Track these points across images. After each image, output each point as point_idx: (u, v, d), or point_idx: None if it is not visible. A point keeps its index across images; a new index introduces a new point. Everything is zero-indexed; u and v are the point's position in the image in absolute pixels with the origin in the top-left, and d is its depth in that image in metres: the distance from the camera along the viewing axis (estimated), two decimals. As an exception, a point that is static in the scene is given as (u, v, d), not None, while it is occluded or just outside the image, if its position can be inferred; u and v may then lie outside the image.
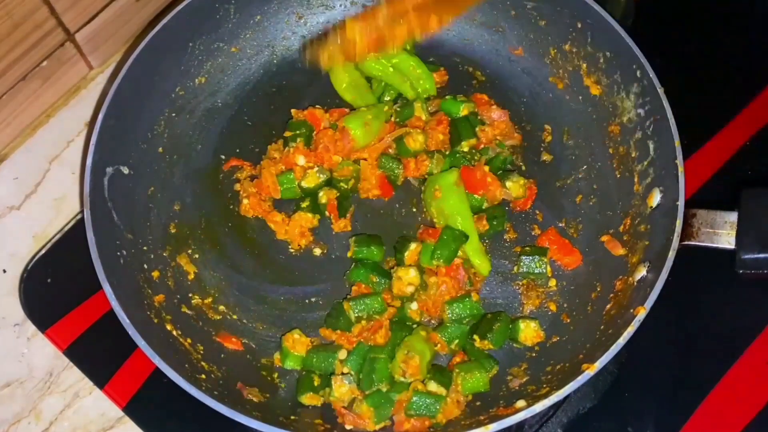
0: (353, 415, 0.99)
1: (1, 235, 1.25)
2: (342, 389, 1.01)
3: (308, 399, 1.02)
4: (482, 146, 1.18)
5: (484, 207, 1.14)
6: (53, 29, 1.22)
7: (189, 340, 1.04)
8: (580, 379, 0.89)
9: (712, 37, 1.41)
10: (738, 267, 0.97)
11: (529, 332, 1.06)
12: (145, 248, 1.10)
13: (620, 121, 1.14)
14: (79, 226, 1.21)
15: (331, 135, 1.16)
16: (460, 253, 1.09)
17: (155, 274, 1.09)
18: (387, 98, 1.24)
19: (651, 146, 1.07)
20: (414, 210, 1.17)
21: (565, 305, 1.10)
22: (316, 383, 1.03)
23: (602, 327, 1.01)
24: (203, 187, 1.19)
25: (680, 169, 1.00)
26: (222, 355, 1.06)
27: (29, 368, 1.16)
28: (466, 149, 1.16)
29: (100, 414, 1.14)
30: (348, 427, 0.98)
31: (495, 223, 1.13)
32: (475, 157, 1.16)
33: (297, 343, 1.06)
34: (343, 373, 1.02)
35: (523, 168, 1.20)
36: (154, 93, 1.17)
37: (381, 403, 0.99)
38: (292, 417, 0.99)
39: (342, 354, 1.04)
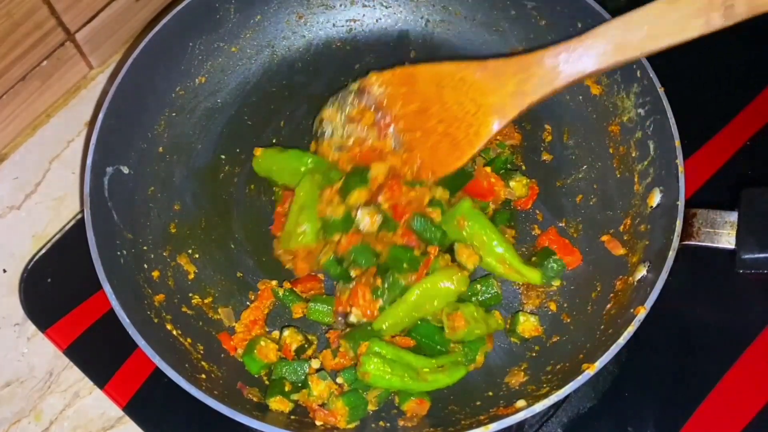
0: (325, 411, 0.99)
1: (1, 234, 1.25)
2: (320, 387, 1.00)
3: (277, 403, 1.00)
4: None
5: (489, 207, 1.14)
6: (53, 29, 1.22)
7: (189, 340, 1.04)
8: (580, 379, 0.89)
9: (712, 37, 1.40)
10: (738, 267, 0.98)
11: (528, 325, 1.06)
12: (145, 248, 1.10)
13: (620, 120, 1.14)
14: (79, 225, 1.21)
15: None
16: (506, 271, 1.08)
17: (155, 273, 1.09)
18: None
19: (651, 146, 1.07)
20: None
21: (565, 305, 1.10)
22: (287, 388, 1.01)
23: (602, 327, 1.01)
24: (203, 187, 1.19)
25: (680, 168, 1.00)
26: (222, 355, 1.06)
27: (29, 368, 1.16)
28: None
29: (100, 414, 1.14)
30: (318, 423, 0.98)
31: (515, 232, 1.15)
32: (475, 160, 1.16)
33: (267, 351, 1.04)
34: (317, 371, 1.02)
35: (524, 168, 1.20)
36: (154, 93, 1.17)
37: (357, 403, 0.99)
38: (293, 417, 0.99)
39: (315, 363, 1.03)
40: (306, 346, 1.06)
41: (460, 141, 1.06)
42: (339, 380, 1.02)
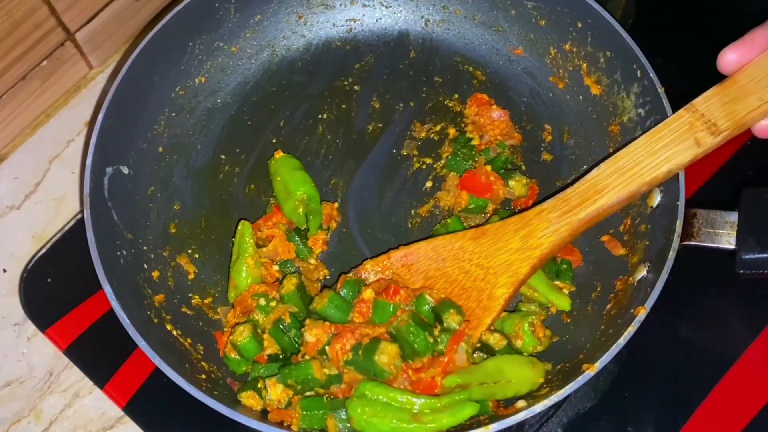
0: (280, 410, 0.97)
1: (1, 234, 1.25)
2: (276, 390, 0.97)
3: (248, 398, 0.97)
4: (483, 147, 1.18)
5: (488, 206, 1.14)
6: (53, 29, 1.22)
7: (189, 340, 1.04)
8: (581, 380, 0.89)
9: (712, 37, 1.40)
10: (738, 267, 0.97)
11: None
12: (145, 248, 1.10)
13: (621, 120, 1.14)
14: (79, 225, 1.21)
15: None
16: (535, 294, 1.06)
17: (155, 274, 1.09)
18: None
19: (651, 146, 1.07)
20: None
21: (566, 305, 1.10)
22: (260, 385, 0.99)
23: (603, 327, 1.01)
24: (203, 187, 1.19)
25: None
26: (222, 355, 1.06)
27: (29, 368, 1.16)
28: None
29: (100, 414, 1.14)
30: (273, 420, 0.95)
31: None
32: (475, 158, 1.16)
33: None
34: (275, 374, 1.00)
35: (524, 168, 1.19)
36: (154, 92, 1.17)
37: (313, 408, 0.95)
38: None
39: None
40: (280, 356, 1.04)
41: (474, 310, 1.00)
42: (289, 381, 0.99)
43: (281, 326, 1.02)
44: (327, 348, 0.97)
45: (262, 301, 1.04)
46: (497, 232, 1.02)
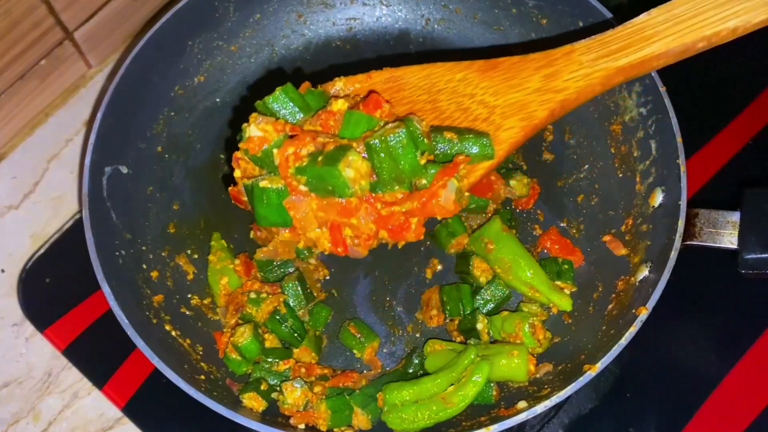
0: (304, 413, 0.97)
1: (0, 234, 1.25)
2: (294, 394, 0.98)
3: (250, 400, 0.98)
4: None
5: (489, 206, 1.13)
6: (52, 28, 1.22)
7: (188, 341, 1.04)
8: (582, 380, 0.89)
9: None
10: (740, 267, 0.97)
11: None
12: (144, 248, 1.10)
13: (622, 120, 1.13)
14: (77, 225, 1.20)
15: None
16: (536, 294, 1.06)
17: (154, 274, 1.09)
18: None
19: (653, 145, 1.07)
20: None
21: (567, 305, 1.09)
22: (263, 387, 0.99)
23: (604, 327, 1.00)
24: (202, 186, 1.19)
25: (682, 168, 1.00)
26: (222, 356, 1.05)
27: (28, 368, 1.16)
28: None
29: (99, 414, 1.13)
30: (298, 425, 0.96)
31: (515, 232, 1.13)
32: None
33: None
34: (293, 378, 1.01)
35: (525, 167, 1.19)
36: (153, 92, 1.17)
37: (341, 408, 0.97)
38: (280, 419, 0.99)
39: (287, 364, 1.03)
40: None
41: None
42: (317, 389, 1.00)
43: (277, 317, 1.03)
44: (275, 151, 0.77)
45: (253, 295, 1.04)
46: (513, 68, 0.85)
